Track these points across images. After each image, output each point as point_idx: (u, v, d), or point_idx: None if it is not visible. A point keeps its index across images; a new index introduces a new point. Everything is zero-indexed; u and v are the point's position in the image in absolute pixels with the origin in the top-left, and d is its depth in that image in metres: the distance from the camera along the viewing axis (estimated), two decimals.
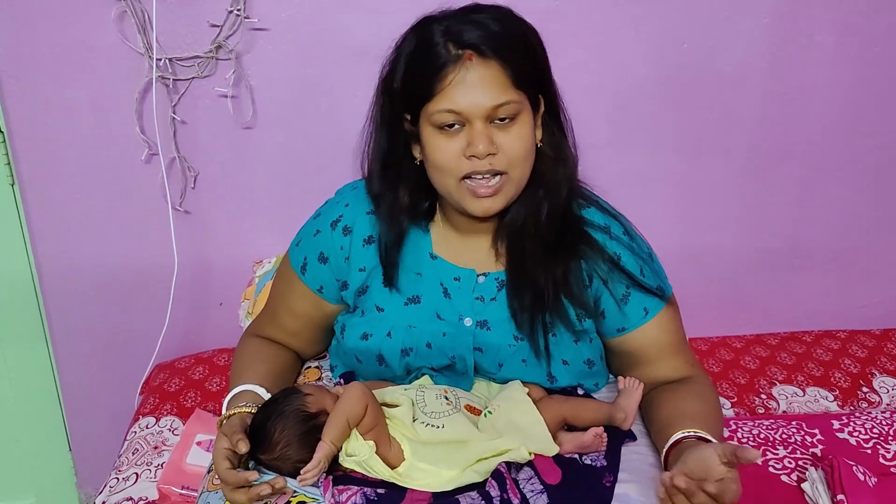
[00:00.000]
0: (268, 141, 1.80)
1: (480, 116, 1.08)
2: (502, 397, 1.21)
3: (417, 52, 1.11)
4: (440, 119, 1.10)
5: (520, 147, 1.11)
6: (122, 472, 1.59)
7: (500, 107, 1.08)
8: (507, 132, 1.10)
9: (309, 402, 1.13)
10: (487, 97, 1.08)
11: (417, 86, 1.10)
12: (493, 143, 1.10)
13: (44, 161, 1.77)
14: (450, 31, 1.09)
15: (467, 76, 1.07)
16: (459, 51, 1.07)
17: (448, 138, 1.11)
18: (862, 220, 2.05)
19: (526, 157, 1.13)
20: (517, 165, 1.12)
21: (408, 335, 1.24)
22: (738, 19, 1.80)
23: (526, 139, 1.12)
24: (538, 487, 1.07)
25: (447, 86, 1.08)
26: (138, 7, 1.64)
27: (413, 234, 1.27)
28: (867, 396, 1.82)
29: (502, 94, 1.08)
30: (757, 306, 2.12)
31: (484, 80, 1.07)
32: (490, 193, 1.13)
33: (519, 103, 1.10)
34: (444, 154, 1.12)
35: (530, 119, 1.14)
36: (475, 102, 1.08)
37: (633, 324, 1.26)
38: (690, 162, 1.93)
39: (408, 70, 1.12)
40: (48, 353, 1.99)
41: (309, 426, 1.11)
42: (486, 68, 1.07)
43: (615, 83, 1.83)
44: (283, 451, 1.10)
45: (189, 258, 1.86)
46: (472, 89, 1.07)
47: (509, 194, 1.15)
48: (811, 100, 1.90)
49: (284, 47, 1.73)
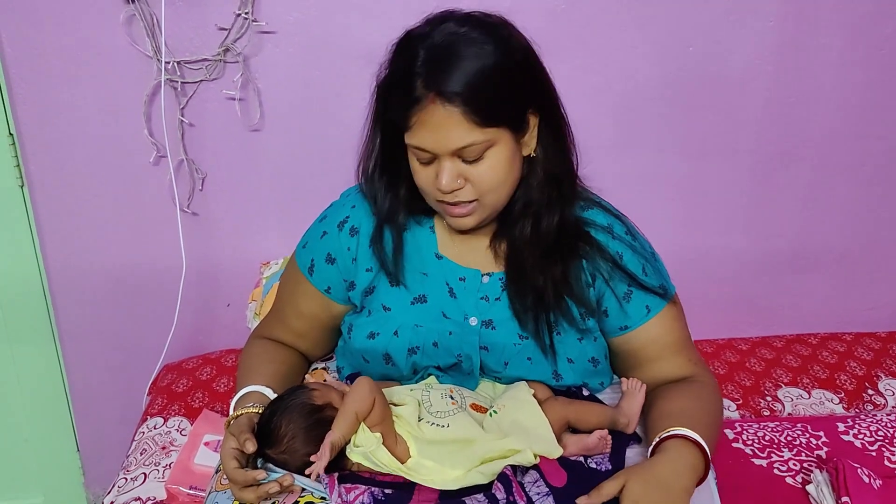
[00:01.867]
0: (275, 143, 1.81)
1: (446, 154, 1.10)
2: (508, 397, 1.21)
3: (396, 78, 1.12)
4: (414, 153, 1.13)
5: (489, 179, 1.13)
6: (130, 472, 1.59)
7: (462, 149, 1.10)
8: (476, 166, 1.12)
9: (314, 396, 1.14)
10: (449, 140, 1.09)
11: (395, 113, 1.12)
12: (458, 177, 1.12)
13: (53, 163, 1.79)
14: (425, 61, 1.08)
15: (432, 118, 1.08)
16: (426, 91, 1.07)
17: (424, 167, 1.14)
18: (868, 223, 2.05)
19: (498, 186, 1.14)
20: (487, 195, 1.14)
21: (414, 334, 1.24)
22: (744, 22, 1.80)
23: (497, 171, 1.13)
24: (544, 490, 1.07)
25: (415, 124, 1.09)
26: (147, 10, 1.65)
27: (418, 233, 1.28)
28: (873, 399, 1.82)
29: (465, 137, 1.08)
30: (762, 308, 2.12)
31: (447, 124, 1.08)
32: (463, 214, 1.16)
33: (486, 141, 1.10)
34: (421, 179, 1.15)
35: (507, 147, 1.13)
36: (437, 144, 1.09)
37: (635, 322, 1.26)
38: (696, 164, 1.93)
39: (389, 92, 1.13)
40: (56, 353, 2.00)
41: (315, 418, 1.12)
42: (447, 113, 1.07)
43: (621, 85, 1.83)
44: (290, 443, 1.11)
45: (197, 259, 1.87)
46: (436, 130, 1.08)
47: (483, 215, 1.17)
48: (817, 102, 1.90)
49: (292, 50, 1.74)
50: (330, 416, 1.12)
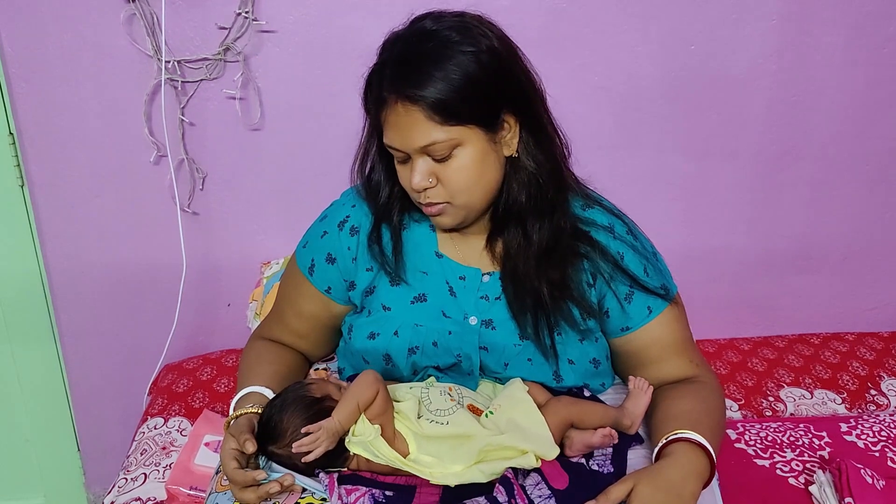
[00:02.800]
0: (275, 142, 1.81)
1: (415, 153, 1.12)
2: (504, 396, 1.21)
3: (372, 78, 1.14)
4: (390, 150, 1.15)
5: (459, 179, 1.13)
6: (130, 473, 1.59)
7: (426, 147, 1.11)
8: (446, 166, 1.13)
9: (312, 389, 1.15)
10: (413, 139, 1.10)
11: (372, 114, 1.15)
12: (429, 176, 1.13)
13: (53, 163, 1.78)
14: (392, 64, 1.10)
15: (395, 119, 1.10)
16: (388, 93, 1.10)
17: (403, 166, 1.16)
18: (870, 223, 2.05)
19: (468, 187, 1.14)
20: (457, 195, 1.14)
21: (414, 333, 1.24)
22: (747, 21, 1.79)
23: (467, 170, 1.13)
24: (546, 493, 1.07)
25: (384, 123, 1.12)
26: (147, 10, 1.65)
27: (418, 232, 1.27)
28: (875, 399, 1.82)
29: (425, 136, 1.09)
30: (765, 308, 2.11)
31: (409, 124, 1.09)
32: (436, 213, 1.17)
33: (450, 140, 1.10)
34: (402, 179, 1.17)
35: (477, 147, 1.12)
36: (404, 143, 1.11)
37: (636, 323, 1.25)
38: (698, 164, 1.93)
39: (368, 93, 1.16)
40: (57, 353, 2.00)
41: (315, 410, 1.12)
42: (407, 114, 1.09)
43: (623, 85, 1.83)
44: (292, 437, 1.11)
45: (197, 259, 1.87)
46: (399, 131, 1.11)
47: (458, 216, 1.18)
48: (819, 102, 1.89)
49: (292, 49, 1.73)
50: (329, 407, 1.13)
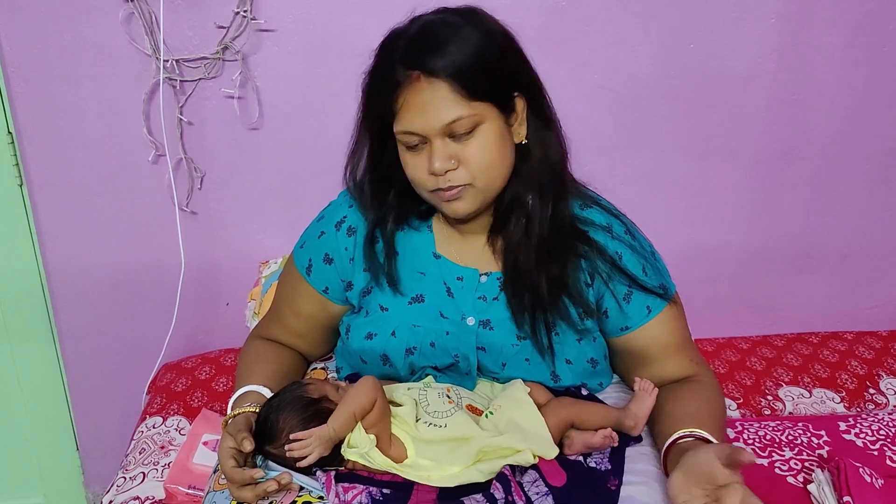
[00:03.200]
0: (274, 142, 1.80)
1: (436, 134, 1.10)
2: (504, 397, 1.21)
3: (377, 72, 1.13)
4: (403, 139, 1.13)
5: (481, 158, 1.12)
6: (129, 472, 1.59)
7: (451, 123, 1.09)
8: (468, 145, 1.11)
9: (310, 390, 1.15)
10: (438, 117, 1.08)
11: (380, 106, 1.12)
12: (451, 158, 1.11)
13: (52, 162, 1.78)
14: (406, 49, 1.10)
15: (417, 97, 1.08)
16: (408, 72, 1.08)
17: (414, 155, 1.13)
18: (869, 222, 2.05)
19: (490, 166, 1.13)
20: (480, 176, 1.13)
21: (412, 334, 1.24)
22: (746, 20, 1.79)
23: (489, 149, 1.12)
24: (543, 490, 1.07)
25: (400, 108, 1.10)
26: (145, 9, 1.65)
27: (415, 233, 1.27)
28: (874, 398, 1.82)
29: (453, 111, 1.08)
30: (763, 307, 2.11)
31: (434, 100, 1.08)
32: (454, 197, 1.14)
33: (475, 115, 1.10)
34: (413, 170, 1.14)
35: (496, 126, 1.13)
36: (427, 123, 1.09)
37: (636, 322, 1.26)
38: (698, 163, 1.93)
39: (370, 89, 1.14)
40: (56, 352, 2.00)
41: (312, 411, 1.12)
42: (433, 88, 1.08)
43: (622, 84, 1.83)
44: (288, 438, 1.11)
45: (196, 258, 1.87)
46: (423, 110, 1.08)
47: (478, 199, 1.16)
48: (819, 101, 1.89)
49: (291, 48, 1.73)
50: (326, 408, 1.13)
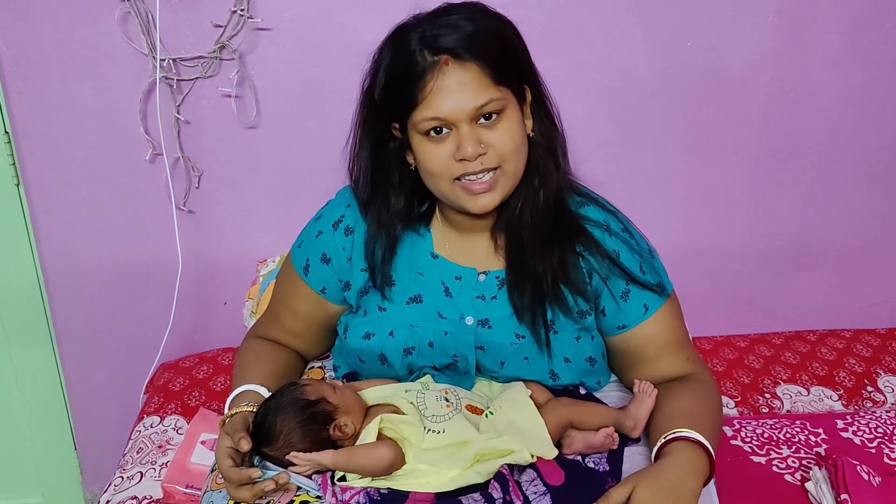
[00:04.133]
0: (271, 140, 1.80)
1: (465, 119, 1.09)
2: (504, 398, 1.20)
3: (395, 63, 1.11)
4: (426, 126, 1.11)
5: (509, 142, 1.12)
6: (126, 471, 1.59)
7: (483, 106, 1.09)
8: (495, 129, 1.11)
9: (307, 392, 1.14)
10: (469, 99, 1.08)
11: (399, 97, 1.11)
12: (480, 143, 1.10)
13: (48, 161, 1.78)
14: (424, 37, 1.09)
15: (446, 81, 1.08)
16: (435, 57, 1.08)
17: (436, 144, 1.12)
18: (868, 220, 2.05)
19: (517, 150, 1.13)
20: (509, 160, 1.13)
21: (410, 334, 1.24)
22: (743, 17, 1.79)
23: (515, 133, 1.12)
24: (541, 489, 1.07)
25: (428, 94, 1.08)
26: (142, 8, 1.64)
27: (414, 236, 1.27)
28: (872, 396, 1.82)
29: (484, 93, 1.08)
30: (762, 305, 2.11)
31: (463, 83, 1.08)
32: (485, 189, 1.13)
33: (503, 99, 1.10)
34: (435, 160, 1.12)
35: (517, 112, 1.14)
36: (457, 106, 1.08)
37: (633, 321, 1.26)
38: (696, 161, 1.93)
39: (388, 82, 1.12)
40: (53, 352, 2.00)
41: (309, 413, 1.12)
42: (463, 70, 1.08)
43: (620, 82, 1.83)
44: (286, 439, 1.11)
45: (193, 257, 1.86)
46: (453, 94, 1.08)
47: (506, 188, 1.15)
48: (817, 99, 1.89)
49: (288, 47, 1.73)
50: (324, 410, 1.12)
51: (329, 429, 1.13)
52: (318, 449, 1.11)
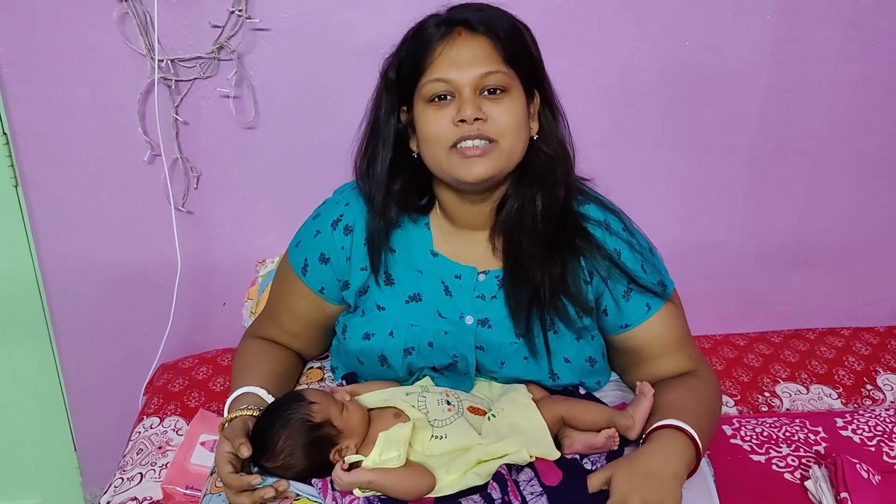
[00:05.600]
0: (270, 141, 1.80)
1: (469, 85, 1.12)
2: (506, 400, 1.20)
3: (411, 39, 1.17)
4: (431, 90, 1.14)
5: (509, 118, 1.14)
6: (126, 472, 1.59)
7: (488, 75, 1.12)
8: (497, 104, 1.13)
9: (314, 412, 1.12)
10: (476, 66, 1.12)
11: (410, 66, 1.15)
12: (481, 110, 1.12)
13: (47, 162, 1.78)
14: (443, 17, 1.15)
15: (456, 49, 1.12)
16: (450, 28, 1.13)
17: (438, 109, 1.14)
18: (866, 218, 2.05)
19: (516, 129, 1.15)
20: (506, 135, 1.14)
21: (410, 334, 1.24)
22: (741, 16, 1.79)
23: (516, 113, 1.15)
24: (538, 489, 1.07)
25: (436, 58, 1.13)
26: (140, 8, 1.64)
27: (413, 231, 1.27)
28: (871, 394, 1.82)
29: (491, 64, 1.12)
30: (761, 304, 2.11)
31: (474, 51, 1.12)
32: (479, 154, 1.13)
33: (508, 77, 1.14)
34: (435, 124, 1.14)
35: (521, 98, 1.16)
36: (463, 71, 1.12)
37: (635, 320, 1.26)
38: (694, 159, 1.93)
39: (402, 57, 1.17)
40: (52, 353, 2.00)
41: (313, 436, 1.11)
42: (475, 40, 1.13)
43: (618, 81, 1.83)
44: (286, 459, 1.10)
45: (192, 258, 1.86)
46: (461, 59, 1.12)
47: (499, 162, 1.15)
48: (815, 97, 1.89)
49: (286, 47, 1.73)
50: (328, 434, 1.11)
51: (330, 453, 1.12)
52: (316, 468, 1.11)
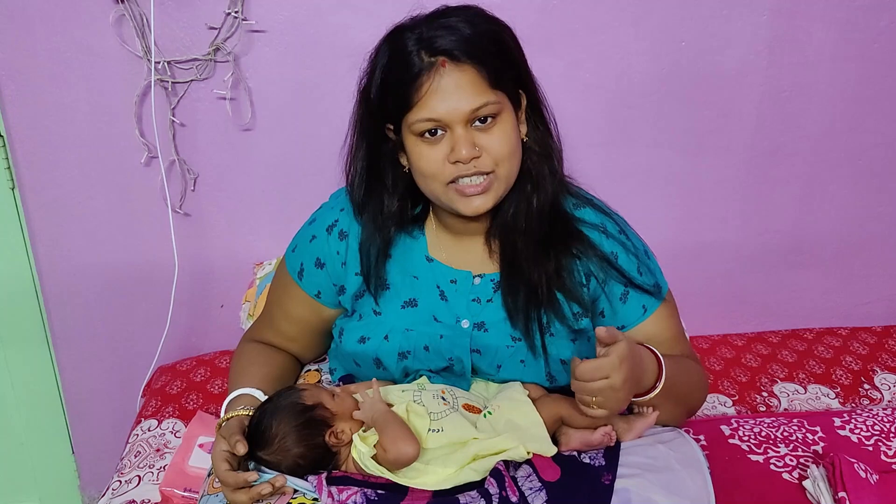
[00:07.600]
0: (267, 143, 1.80)
1: (460, 121, 1.09)
2: (503, 397, 1.20)
3: (391, 64, 1.11)
4: (420, 128, 1.10)
5: (503, 146, 1.12)
6: (124, 475, 1.59)
7: (478, 109, 1.09)
8: (489, 133, 1.11)
9: (304, 396, 1.14)
10: (465, 101, 1.08)
11: (395, 97, 1.10)
12: (475, 146, 1.10)
13: (44, 165, 1.78)
14: (422, 38, 1.09)
15: (442, 83, 1.07)
16: (432, 58, 1.07)
17: (431, 146, 1.11)
18: (863, 218, 2.05)
19: (511, 154, 1.13)
20: (502, 164, 1.13)
21: (405, 338, 1.24)
22: (737, 16, 1.79)
23: (509, 138, 1.12)
24: (536, 485, 1.07)
25: (424, 94, 1.08)
26: (136, 10, 1.64)
27: (405, 239, 1.27)
28: (868, 393, 1.82)
29: (480, 96, 1.08)
30: (758, 304, 2.11)
31: (460, 85, 1.08)
32: (479, 192, 1.13)
33: (498, 103, 1.10)
34: (429, 162, 1.12)
35: (512, 117, 1.14)
36: (453, 108, 1.08)
37: (632, 322, 1.26)
38: (691, 159, 1.93)
39: (384, 82, 1.12)
40: (50, 355, 2.00)
41: (305, 418, 1.12)
42: (460, 73, 1.07)
43: (614, 81, 1.83)
44: (281, 443, 1.11)
45: (189, 260, 1.86)
46: (449, 95, 1.08)
47: (499, 191, 1.15)
48: (811, 97, 1.89)
49: (282, 49, 1.73)
50: (321, 416, 1.12)
51: (325, 435, 1.12)
52: (313, 455, 1.11)
